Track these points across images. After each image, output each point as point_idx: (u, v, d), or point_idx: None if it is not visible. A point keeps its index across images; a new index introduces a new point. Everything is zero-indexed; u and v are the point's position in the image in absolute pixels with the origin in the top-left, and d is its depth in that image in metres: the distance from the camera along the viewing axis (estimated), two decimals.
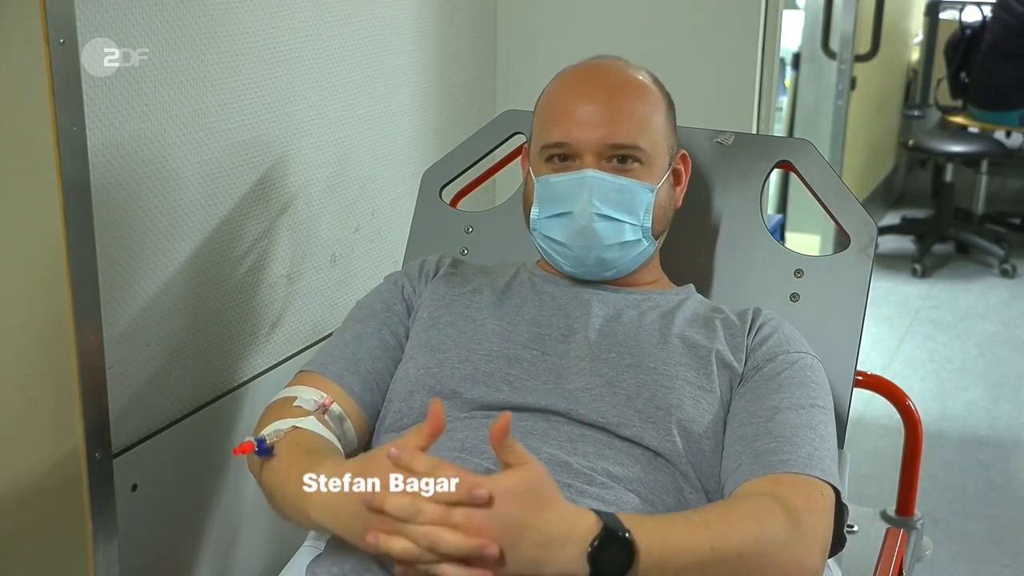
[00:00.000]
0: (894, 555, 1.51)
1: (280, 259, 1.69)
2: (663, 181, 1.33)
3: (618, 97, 1.31)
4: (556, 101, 1.34)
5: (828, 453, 1.16)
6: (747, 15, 2.12)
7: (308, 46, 1.68)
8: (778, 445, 1.15)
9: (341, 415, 1.26)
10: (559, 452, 1.17)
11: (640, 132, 1.30)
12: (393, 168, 1.97)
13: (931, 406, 3.31)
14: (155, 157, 1.41)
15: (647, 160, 1.31)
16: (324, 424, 1.21)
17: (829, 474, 1.13)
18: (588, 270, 1.34)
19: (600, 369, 1.24)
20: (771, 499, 1.08)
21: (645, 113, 1.31)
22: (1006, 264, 4.55)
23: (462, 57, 2.17)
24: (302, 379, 1.30)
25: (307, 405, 1.22)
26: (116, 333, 1.38)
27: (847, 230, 1.48)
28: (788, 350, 1.28)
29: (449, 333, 1.32)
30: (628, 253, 1.32)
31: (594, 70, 1.36)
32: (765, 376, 1.25)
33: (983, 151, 4.82)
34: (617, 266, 1.33)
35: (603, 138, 1.29)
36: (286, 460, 1.14)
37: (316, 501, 1.05)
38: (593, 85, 1.32)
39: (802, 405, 1.20)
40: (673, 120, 1.38)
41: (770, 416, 1.19)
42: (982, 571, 2.52)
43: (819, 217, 1.76)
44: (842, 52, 3.90)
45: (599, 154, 1.29)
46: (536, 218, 1.34)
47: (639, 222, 1.31)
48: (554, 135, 1.31)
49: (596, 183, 1.29)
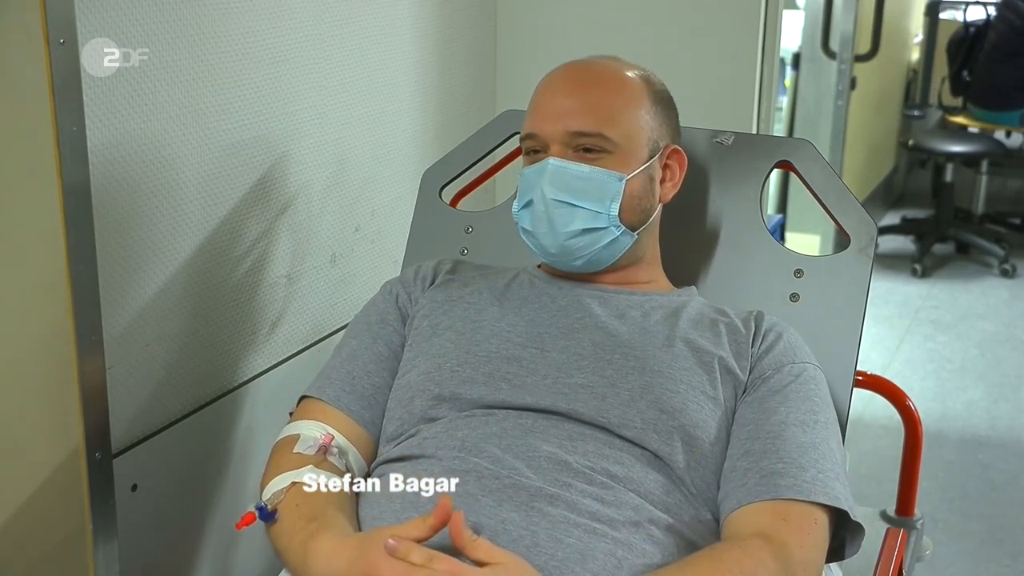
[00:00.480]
0: (894, 555, 1.51)
1: (280, 259, 1.69)
2: (638, 172, 1.33)
3: (585, 89, 1.33)
4: (534, 97, 1.37)
5: (832, 473, 1.17)
6: (747, 15, 2.12)
7: (308, 46, 1.68)
8: (784, 467, 1.16)
9: (344, 448, 1.27)
10: (559, 451, 1.17)
11: (606, 122, 1.31)
12: (393, 168, 1.97)
13: (931, 406, 3.31)
14: (155, 157, 1.41)
15: (616, 150, 1.31)
16: (328, 467, 1.22)
17: (833, 497, 1.14)
18: (558, 259, 1.35)
19: (604, 370, 1.24)
20: (761, 541, 1.09)
21: (615, 104, 1.32)
22: (1006, 264, 4.55)
23: (462, 57, 2.17)
24: (304, 408, 1.32)
25: (307, 450, 1.23)
26: (116, 333, 1.38)
27: (847, 230, 1.48)
28: (794, 360, 1.28)
29: (449, 336, 1.32)
30: (596, 242, 1.32)
31: (573, 67, 1.37)
32: (772, 388, 1.25)
33: (983, 151, 4.82)
34: (586, 255, 1.33)
35: (566, 127, 1.30)
36: (288, 526, 1.16)
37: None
38: (565, 80, 1.35)
39: (807, 422, 1.21)
40: (665, 116, 1.38)
41: (778, 433, 1.19)
42: (982, 571, 2.52)
43: (819, 217, 1.76)
44: (842, 52, 3.90)
45: (565, 143, 1.31)
46: (514, 211, 1.37)
47: (604, 210, 1.31)
48: (526, 127, 1.35)
49: (556, 170, 1.30)
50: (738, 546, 1.10)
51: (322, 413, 1.30)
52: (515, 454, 1.16)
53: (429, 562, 0.99)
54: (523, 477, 1.13)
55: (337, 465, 1.24)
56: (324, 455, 1.23)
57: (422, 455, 1.20)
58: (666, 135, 1.38)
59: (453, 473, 1.14)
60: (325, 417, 1.29)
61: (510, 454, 1.16)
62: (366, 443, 1.30)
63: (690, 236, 1.54)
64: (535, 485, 1.12)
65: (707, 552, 1.10)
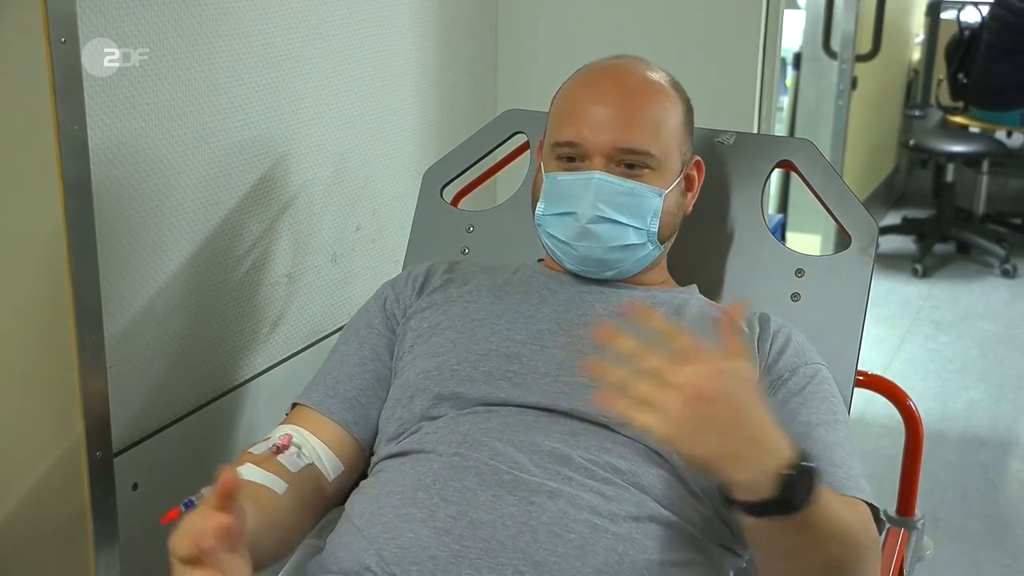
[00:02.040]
0: (895, 555, 1.51)
1: (281, 258, 1.69)
2: (673, 187, 1.33)
3: (633, 101, 1.31)
4: (572, 99, 1.34)
5: (858, 471, 1.19)
6: (748, 15, 2.12)
7: (309, 45, 1.68)
8: (821, 465, 1.16)
9: (311, 448, 1.25)
10: (561, 446, 1.17)
11: (652, 138, 1.29)
12: (394, 167, 1.97)
13: (932, 406, 3.31)
14: (156, 156, 1.41)
15: (658, 166, 1.30)
16: (271, 467, 1.20)
17: (866, 493, 1.16)
18: (590, 269, 1.34)
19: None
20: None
21: (659, 118, 1.31)
22: (1007, 264, 4.55)
23: (463, 56, 2.17)
24: (292, 414, 1.32)
25: (257, 449, 1.22)
26: (116, 332, 1.38)
27: (848, 230, 1.48)
28: (806, 361, 1.29)
29: (448, 335, 1.32)
30: (631, 256, 1.32)
31: (612, 70, 1.35)
32: (791, 391, 1.25)
33: (984, 151, 4.82)
34: (619, 267, 1.33)
35: (614, 142, 1.28)
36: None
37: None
38: (609, 86, 1.32)
39: (830, 422, 1.22)
40: (690, 125, 1.37)
41: (805, 434, 1.20)
42: (982, 571, 2.52)
43: (820, 217, 1.77)
44: (843, 52, 3.90)
45: (609, 157, 1.29)
46: (541, 214, 1.35)
47: (645, 226, 1.30)
48: (565, 134, 1.31)
49: (602, 185, 1.28)
50: (851, 504, 1.13)
51: (304, 417, 1.30)
52: (517, 448, 1.16)
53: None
54: (524, 472, 1.13)
55: (285, 465, 1.22)
56: (274, 455, 1.22)
57: (422, 450, 1.20)
58: (690, 146, 1.38)
59: (453, 468, 1.14)
60: (306, 421, 1.29)
61: (512, 447, 1.16)
62: (344, 443, 1.29)
63: (691, 236, 1.53)
64: (535, 480, 1.12)
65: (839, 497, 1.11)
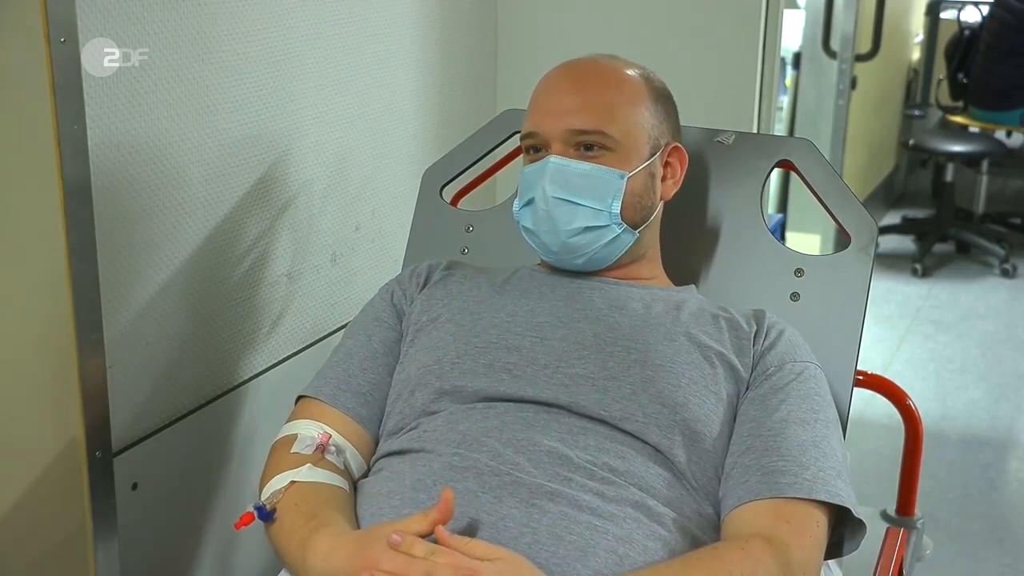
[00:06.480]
0: (894, 555, 1.51)
1: (281, 258, 1.69)
2: (639, 169, 1.33)
3: (585, 86, 1.33)
4: (535, 95, 1.37)
5: (834, 471, 1.17)
6: (748, 15, 2.12)
7: (309, 45, 1.68)
8: (786, 465, 1.16)
9: (341, 446, 1.27)
10: (559, 445, 1.17)
11: (606, 119, 1.31)
12: (394, 167, 1.97)
13: (931, 406, 3.31)
14: (156, 156, 1.41)
15: (617, 147, 1.31)
16: (326, 466, 1.22)
17: (834, 495, 1.15)
18: (560, 257, 1.35)
19: (605, 362, 1.24)
20: (762, 542, 1.09)
21: (615, 102, 1.32)
22: (1007, 264, 4.55)
23: (463, 56, 2.17)
24: (301, 408, 1.32)
25: (305, 449, 1.23)
26: (116, 332, 1.38)
27: (847, 229, 1.48)
28: (795, 359, 1.29)
29: (448, 329, 1.32)
30: (598, 240, 1.32)
31: (572, 65, 1.38)
32: (774, 386, 1.25)
33: (984, 151, 4.82)
34: (588, 252, 1.33)
35: (567, 124, 1.31)
36: (287, 525, 1.16)
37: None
38: (565, 79, 1.36)
39: (808, 420, 1.22)
40: (665, 114, 1.38)
41: (779, 430, 1.20)
42: (982, 571, 2.52)
43: (819, 216, 1.77)
44: (843, 52, 3.90)
45: (565, 141, 1.31)
46: (515, 209, 1.38)
47: (606, 208, 1.31)
48: (527, 126, 1.35)
49: (556, 169, 1.30)
50: (739, 547, 1.10)
51: (319, 412, 1.30)
52: (516, 448, 1.16)
53: (431, 555, 0.99)
54: (523, 473, 1.13)
55: (335, 463, 1.24)
56: (322, 454, 1.23)
57: (421, 449, 1.20)
58: (667, 133, 1.38)
59: (452, 469, 1.15)
60: (322, 416, 1.29)
61: (511, 448, 1.16)
62: (363, 440, 1.30)
63: (691, 235, 1.54)
64: (535, 482, 1.12)
65: (708, 551, 1.10)
